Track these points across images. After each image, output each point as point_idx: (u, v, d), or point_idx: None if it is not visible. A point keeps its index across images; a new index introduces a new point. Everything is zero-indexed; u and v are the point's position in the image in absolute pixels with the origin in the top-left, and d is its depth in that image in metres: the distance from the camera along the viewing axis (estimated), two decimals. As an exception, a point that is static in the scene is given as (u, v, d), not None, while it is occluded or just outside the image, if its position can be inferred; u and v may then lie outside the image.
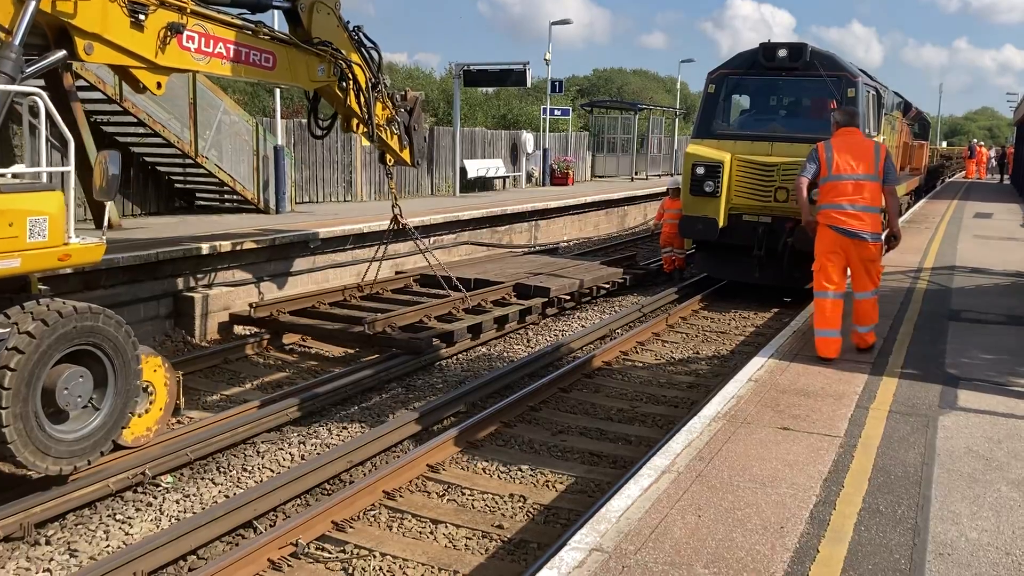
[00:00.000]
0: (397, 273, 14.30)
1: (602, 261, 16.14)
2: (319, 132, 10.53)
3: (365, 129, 10.38)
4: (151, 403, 7.23)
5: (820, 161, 7.65)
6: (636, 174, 34.42)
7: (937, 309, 9.85)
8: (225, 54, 8.17)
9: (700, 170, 13.47)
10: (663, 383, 9.57)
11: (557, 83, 30.50)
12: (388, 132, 10.87)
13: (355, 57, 9.90)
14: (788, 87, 14.10)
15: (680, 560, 3.88)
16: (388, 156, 11.49)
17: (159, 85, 7.74)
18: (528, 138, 27.58)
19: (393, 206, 12.00)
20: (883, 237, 7.81)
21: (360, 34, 10.05)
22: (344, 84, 9.69)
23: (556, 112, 31.14)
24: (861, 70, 14.16)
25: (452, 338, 10.49)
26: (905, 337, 8.45)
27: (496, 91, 43.98)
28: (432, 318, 11.29)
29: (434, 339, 10.31)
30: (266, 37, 8.65)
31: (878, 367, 7.32)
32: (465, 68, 23.29)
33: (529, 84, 24.25)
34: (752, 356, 7.87)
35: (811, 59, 13.26)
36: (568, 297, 13.26)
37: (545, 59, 28.40)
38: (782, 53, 13.47)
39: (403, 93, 11.33)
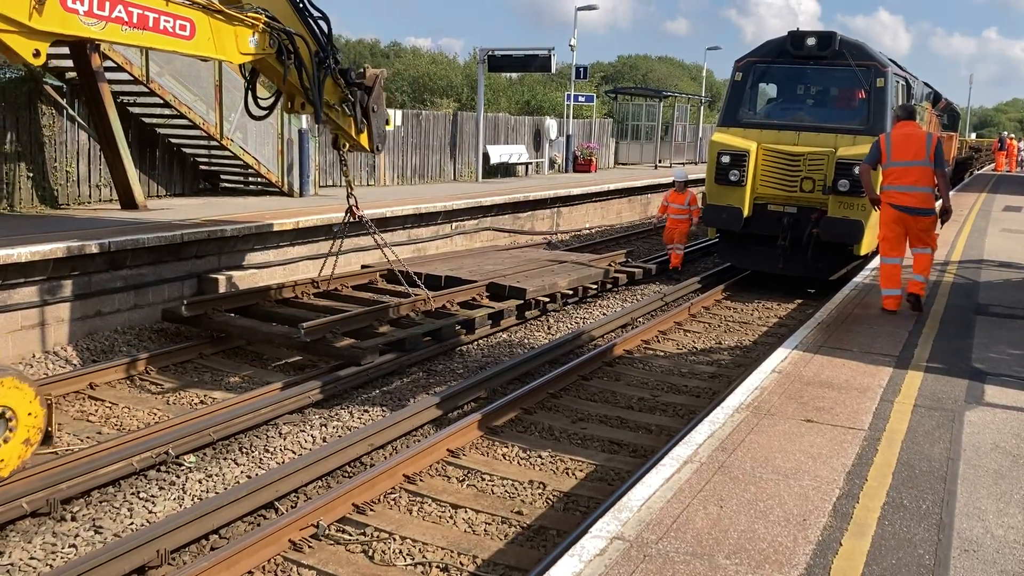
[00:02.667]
0: (363, 267, 13.27)
1: (602, 256, 15.22)
2: (259, 112, 9.40)
3: (313, 110, 9.32)
4: (10, 432, 6.03)
5: (881, 150, 9.09)
6: (660, 162, 34.21)
7: (964, 303, 9.73)
8: (126, 19, 6.93)
9: (725, 159, 13.38)
10: (684, 373, 9.54)
11: (582, 69, 30.34)
12: (340, 113, 9.76)
13: (298, 27, 8.87)
14: (816, 76, 13.95)
15: (702, 550, 3.87)
16: (342, 140, 10.30)
17: (37, 54, 6.38)
18: (551, 124, 27.46)
19: (348, 195, 10.81)
20: (936, 211, 9.12)
21: (305, 1, 9.01)
22: (283, 58, 8.59)
23: (580, 99, 30.98)
24: (890, 59, 13.98)
25: (404, 346, 9.48)
26: (931, 331, 8.36)
27: (520, 77, 43.84)
28: (385, 321, 10.13)
29: (381, 347, 9.34)
30: (181, 1, 7.45)
31: (903, 360, 7.25)
32: (490, 53, 23.20)
33: (554, 70, 24.13)
34: (775, 347, 7.82)
35: (840, 48, 13.12)
36: (548, 299, 12.06)
37: (570, 45, 28.26)
38: (810, 41, 13.33)
39: (361, 70, 10.23)
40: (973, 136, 68.83)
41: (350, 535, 5.68)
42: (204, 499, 6.16)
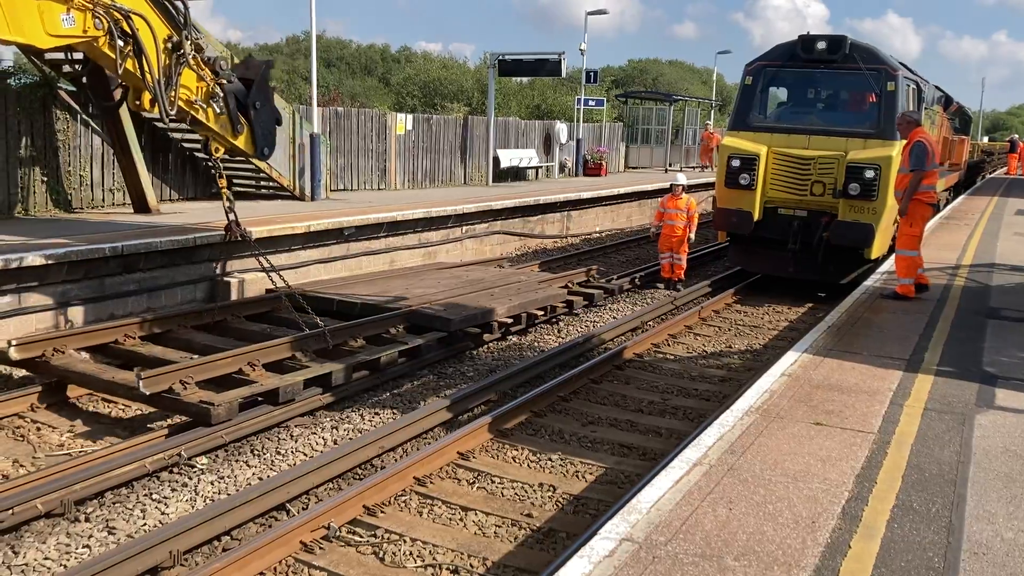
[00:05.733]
0: (268, 291, 10.78)
1: (561, 275, 13.33)
2: (94, 110, 7.92)
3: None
4: None
5: (932, 153, 9.92)
6: (670, 166, 34.19)
7: (975, 307, 9.71)
8: None
9: (735, 163, 13.39)
10: (695, 376, 9.54)
11: (592, 73, 30.37)
12: (206, 111, 8.32)
13: (139, 5, 7.43)
14: (826, 80, 13.94)
15: (710, 552, 3.88)
16: (213, 144, 8.85)
17: None
18: (562, 128, 27.50)
19: (227, 212, 9.36)
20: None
21: None
22: (115, 43, 7.17)
23: (590, 102, 31.00)
24: (901, 63, 13.96)
25: (276, 397, 7.64)
26: (941, 334, 8.35)
27: (530, 81, 43.89)
28: (259, 365, 8.16)
29: (242, 401, 7.47)
30: None
31: (913, 364, 7.25)
32: (500, 58, 23.28)
33: (564, 74, 24.16)
34: (785, 351, 7.83)
35: (850, 52, 13.11)
36: (478, 330, 10.38)
37: (580, 49, 28.28)
38: (821, 45, 13.33)
39: (242, 61, 9.01)
40: (985, 140, 68.53)
41: (361, 537, 5.71)
42: (216, 501, 6.21)
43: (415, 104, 45.36)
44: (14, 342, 8.15)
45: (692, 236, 14.29)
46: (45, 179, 13.15)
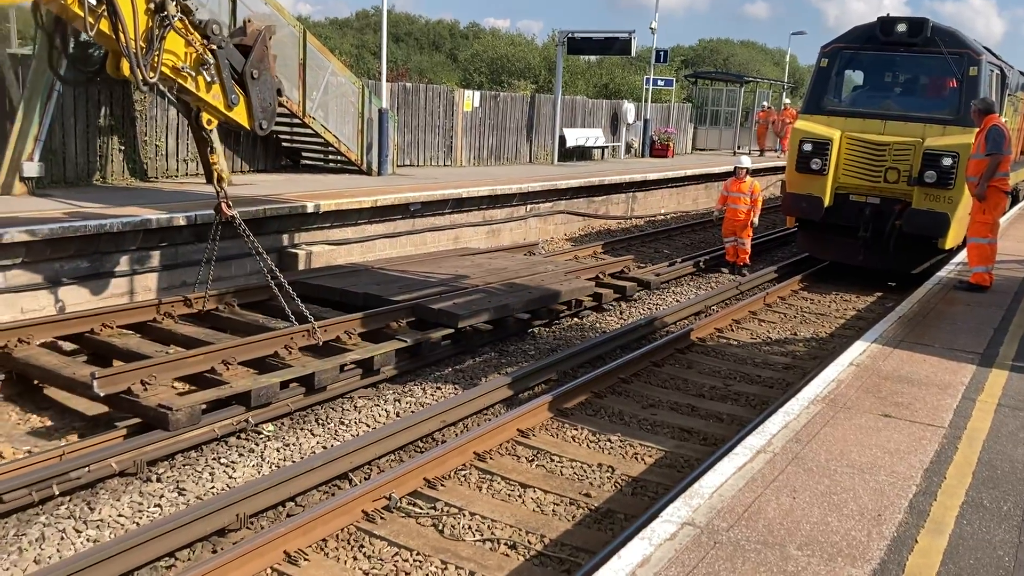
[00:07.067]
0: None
1: (589, 266, 12.28)
2: (77, 77, 7.06)
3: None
4: None
5: (1008, 139, 9.87)
6: (739, 149, 33.65)
7: (1055, 301, 9.40)
8: None
9: (807, 147, 13.12)
10: (758, 362, 9.43)
11: (662, 53, 29.99)
12: (195, 80, 7.68)
13: None
14: (905, 64, 13.56)
15: (773, 540, 3.85)
16: (205, 115, 8.16)
17: None
18: (629, 108, 27.22)
19: (217, 192, 8.66)
20: None
21: None
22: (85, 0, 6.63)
23: (659, 82, 30.63)
24: (984, 47, 13.49)
25: (249, 400, 6.98)
26: (1018, 329, 8.11)
27: (599, 60, 43.54)
28: (235, 363, 7.40)
29: (206, 405, 6.81)
30: None
31: (988, 358, 7.05)
32: (569, 36, 23.08)
33: (634, 53, 23.88)
34: (853, 340, 7.69)
35: (932, 35, 12.71)
36: (491, 327, 9.61)
37: (650, 28, 27.89)
38: (901, 28, 12.95)
39: (243, 24, 8.36)
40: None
41: (421, 508, 5.79)
42: (282, 467, 6.36)
43: (482, 81, 45.36)
44: None
45: (755, 221, 14.01)
46: (123, 148, 13.50)
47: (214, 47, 7.70)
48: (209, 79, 7.75)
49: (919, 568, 3.70)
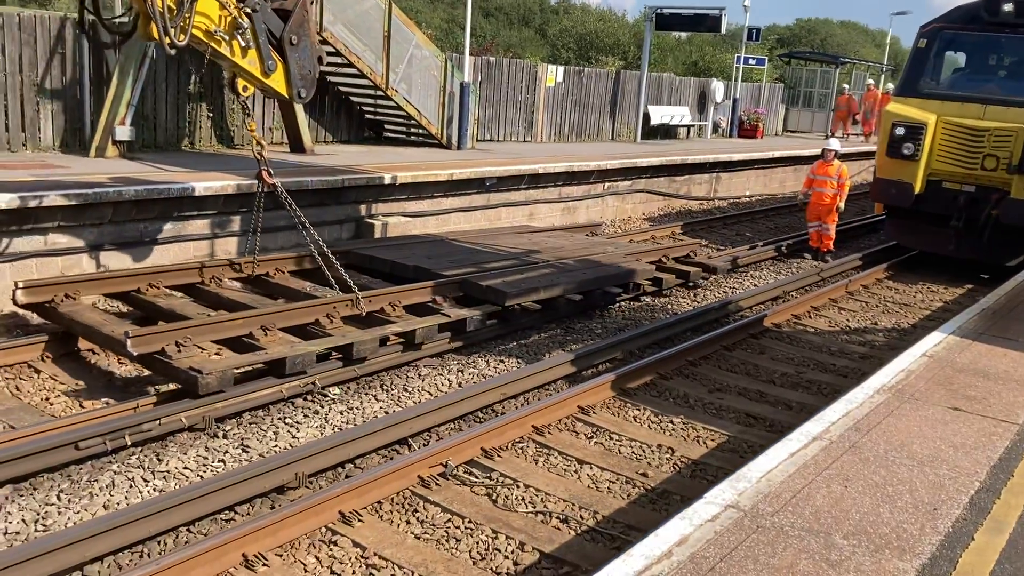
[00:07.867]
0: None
1: (651, 249, 11.78)
2: (107, 38, 6.66)
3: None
4: None
5: None
6: (832, 132, 32.64)
7: None
8: None
9: (899, 131, 12.67)
10: (834, 351, 9.19)
11: (754, 31, 29.19)
12: (229, 45, 7.41)
13: None
14: (1012, 45, 12.93)
15: (819, 528, 3.77)
16: (240, 81, 7.91)
17: None
18: (718, 87, 26.66)
19: (259, 160, 8.34)
20: None
21: None
22: None
23: (750, 61, 29.86)
24: (1100, 29, 12.75)
25: (283, 369, 6.93)
26: (1113, 327, 7.70)
27: (689, 36, 42.71)
28: (275, 329, 7.35)
29: (239, 374, 6.80)
30: None
31: (1075, 356, 6.72)
32: (658, 11, 22.70)
33: (724, 31, 23.35)
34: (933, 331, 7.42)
35: (1041, 15, 12.08)
36: (539, 306, 9.39)
37: (744, 5, 27.22)
38: (1008, 7, 12.34)
39: None
40: None
41: (476, 477, 5.85)
42: (343, 429, 6.50)
43: (569, 56, 45.02)
44: (21, 284, 7.64)
45: (842, 206, 13.52)
46: (211, 115, 13.89)
47: (249, 10, 7.43)
48: (244, 44, 7.48)
49: (972, 566, 3.57)
